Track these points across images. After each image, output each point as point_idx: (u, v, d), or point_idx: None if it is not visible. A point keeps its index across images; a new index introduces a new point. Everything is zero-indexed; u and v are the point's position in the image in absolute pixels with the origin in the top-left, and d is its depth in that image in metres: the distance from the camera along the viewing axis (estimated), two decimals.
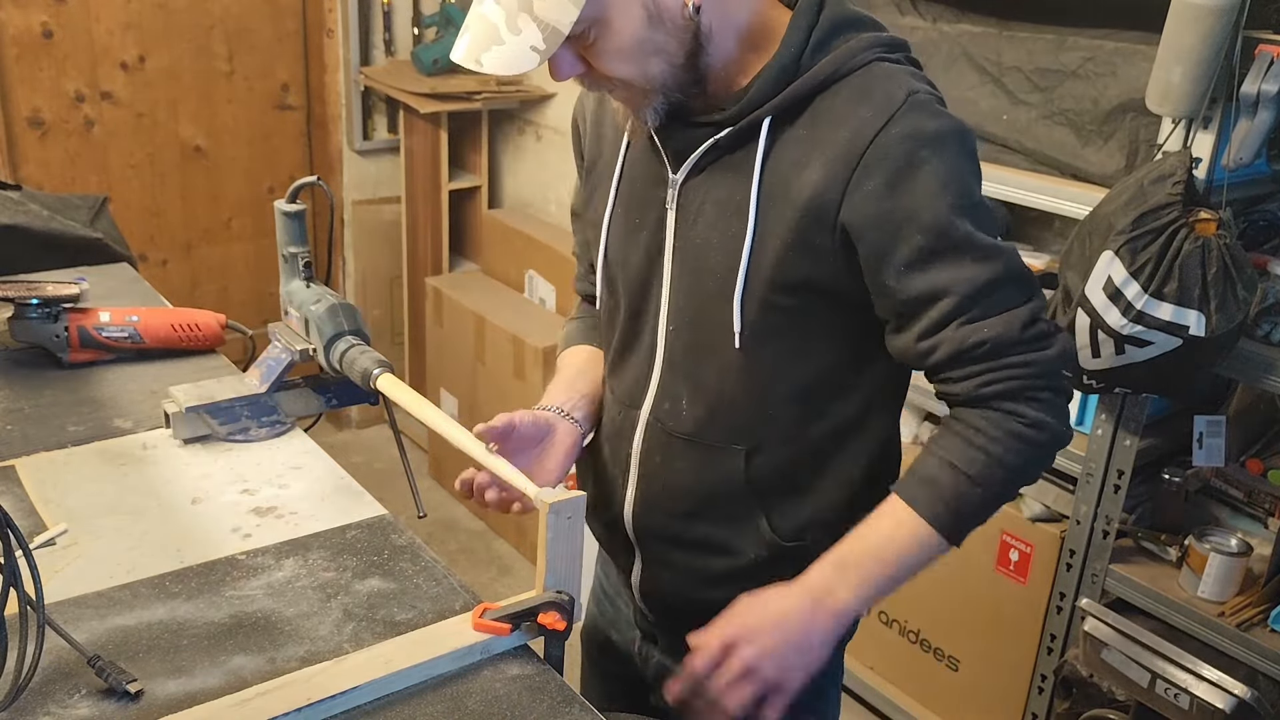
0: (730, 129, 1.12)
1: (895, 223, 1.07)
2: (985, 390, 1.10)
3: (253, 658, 1.04)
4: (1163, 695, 1.90)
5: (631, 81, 1.10)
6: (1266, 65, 1.68)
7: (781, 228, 1.10)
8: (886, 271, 1.09)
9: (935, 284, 1.08)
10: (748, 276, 1.13)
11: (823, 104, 1.10)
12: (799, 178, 1.09)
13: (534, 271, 3.42)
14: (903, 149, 1.06)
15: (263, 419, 1.44)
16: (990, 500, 1.13)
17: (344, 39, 3.57)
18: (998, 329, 1.08)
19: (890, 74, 1.10)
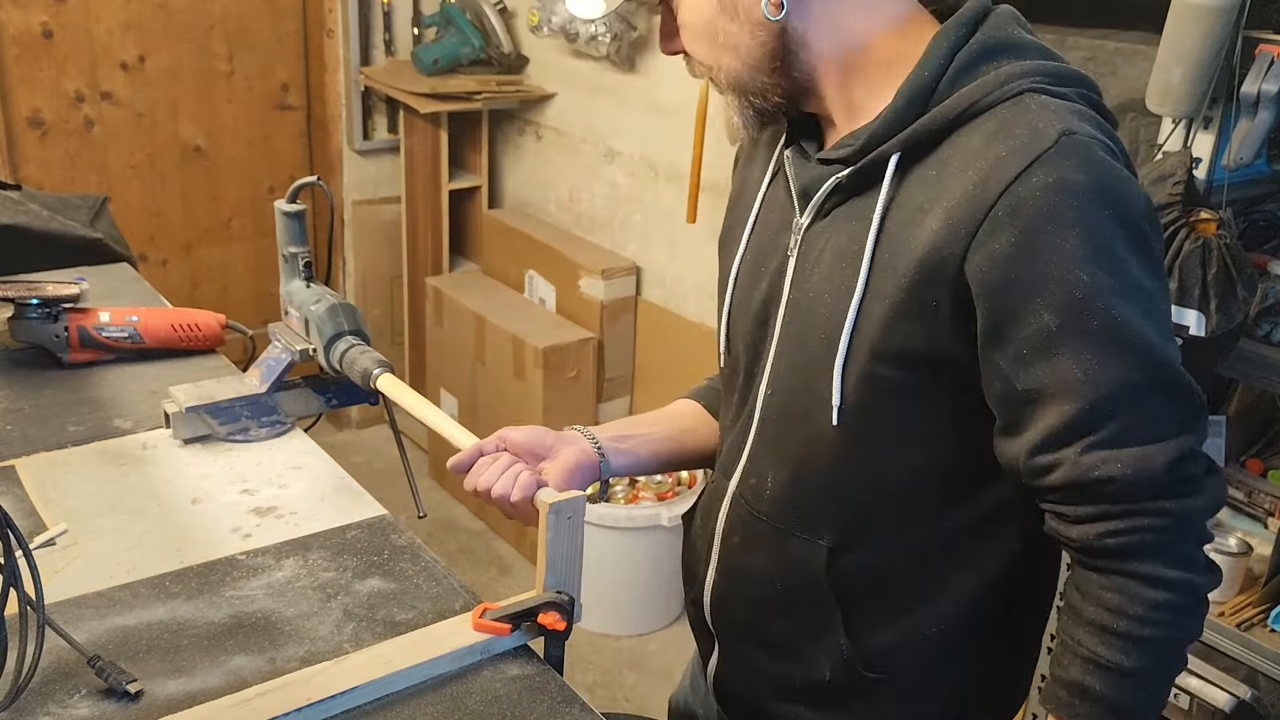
0: (852, 167, 0.97)
1: (1022, 293, 0.87)
2: (1110, 542, 0.89)
3: (253, 658, 1.04)
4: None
5: (710, 67, 1.00)
6: (1267, 65, 1.68)
7: (893, 286, 0.93)
8: (1003, 351, 0.90)
9: (1061, 380, 0.87)
10: (852, 340, 0.96)
11: (959, 140, 0.92)
12: (920, 226, 0.92)
13: (534, 271, 3.43)
14: (1043, 202, 0.86)
15: (263, 419, 1.44)
16: (1161, 684, 0.93)
17: (344, 39, 3.57)
18: (1134, 464, 0.86)
19: (1045, 107, 0.90)
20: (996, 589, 1.04)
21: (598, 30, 3.01)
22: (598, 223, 3.40)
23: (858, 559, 1.04)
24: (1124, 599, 0.89)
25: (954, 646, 1.06)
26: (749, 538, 1.11)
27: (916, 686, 1.07)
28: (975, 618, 1.05)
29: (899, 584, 1.04)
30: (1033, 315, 0.87)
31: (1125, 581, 0.89)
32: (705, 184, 2.84)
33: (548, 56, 3.44)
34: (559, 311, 3.33)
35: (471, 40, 3.46)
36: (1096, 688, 0.91)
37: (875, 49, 0.97)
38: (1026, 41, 0.95)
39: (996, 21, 0.95)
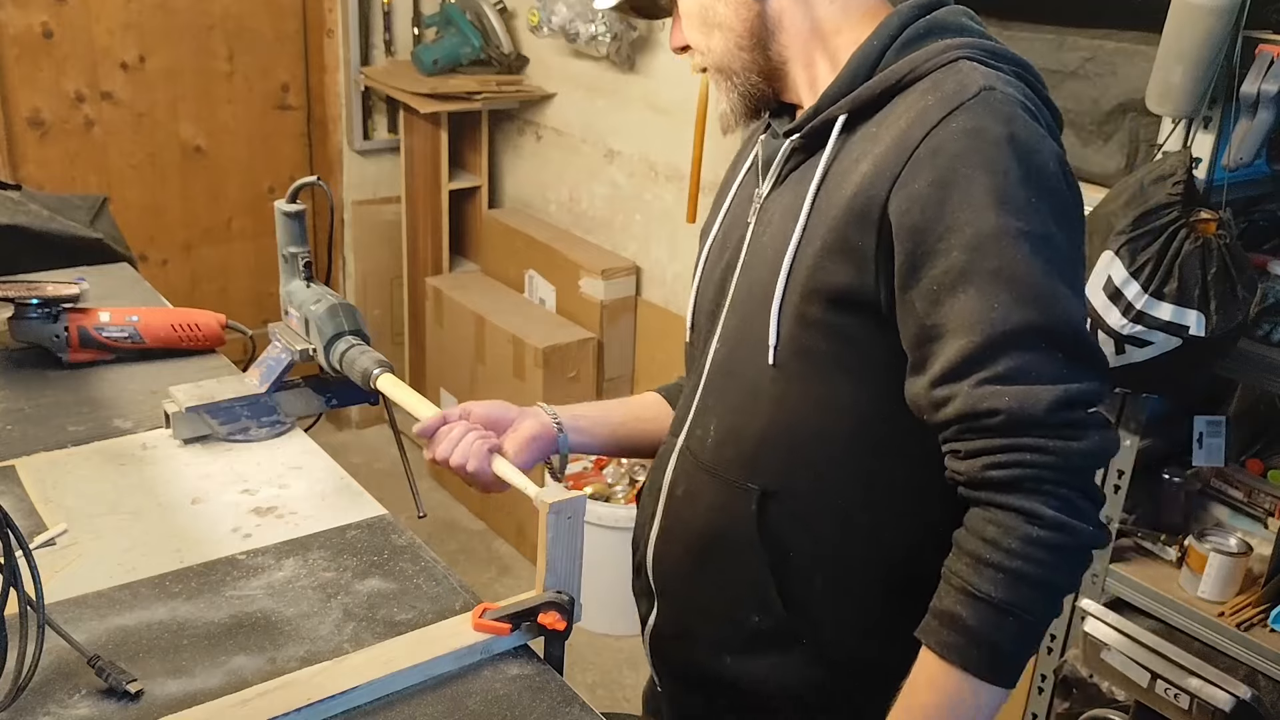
0: (806, 132, 1.05)
1: (936, 232, 0.92)
2: (993, 474, 0.91)
3: (253, 658, 1.04)
4: (1162, 695, 1.90)
5: (703, 53, 1.11)
6: (1266, 65, 1.68)
7: (824, 228, 0.99)
8: (916, 289, 0.94)
9: (963, 315, 0.91)
10: (788, 283, 1.02)
11: (898, 102, 0.99)
12: (851, 175, 0.99)
13: (534, 271, 3.43)
14: (960, 145, 0.92)
15: (263, 419, 1.44)
16: (1029, 627, 0.93)
17: (344, 39, 3.57)
18: (1019, 399, 0.89)
19: (975, 69, 0.97)
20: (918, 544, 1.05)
21: (598, 30, 3.01)
22: (598, 223, 3.40)
23: (787, 507, 1.07)
24: (1000, 531, 0.91)
25: (879, 597, 1.08)
26: (691, 489, 1.15)
27: (841, 636, 1.09)
28: (899, 570, 1.07)
29: (827, 533, 1.06)
30: (943, 254, 0.92)
31: (1003, 514, 0.91)
32: (705, 184, 2.84)
33: (548, 56, 3.44)
34: (559, 311, 3.34)
35: (471, 40, 3.46)
36: (965, 617, 0.91)
37: (840, 35, 1.06)
38: (964, 23, 1.03)
39: (947, 10, 1.04)
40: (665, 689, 1.27)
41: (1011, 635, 0.92)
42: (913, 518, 1.06)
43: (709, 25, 1.08)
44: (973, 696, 0.92)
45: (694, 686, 1.21)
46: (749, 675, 1.14)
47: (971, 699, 0.92)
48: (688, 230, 2.98)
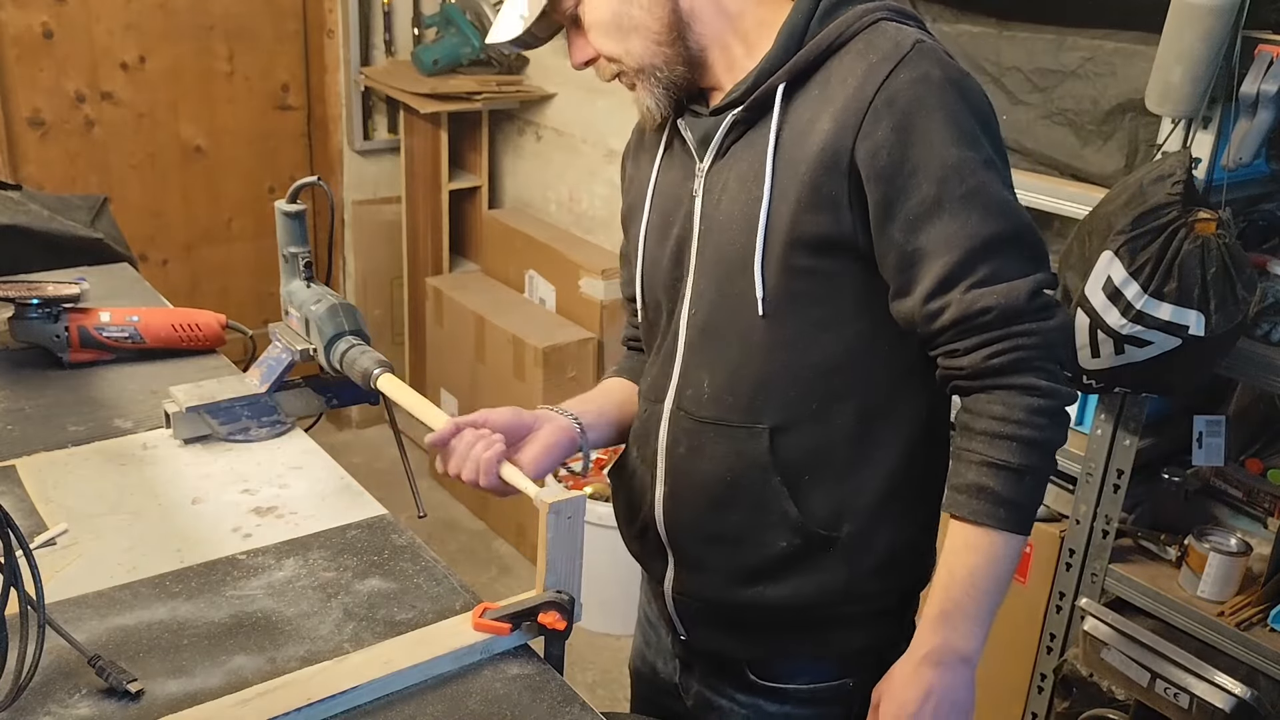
0: (744, 104, 1.13)
1: (905, 171, 1.05)
2: (994, 362, 1.07)
3: (253, 657, 1.04)
4: (1162, 695, 1.90)
5: (620, 60, 1.15)
6: (1266, 65, 1.68)
7: (795, 185, 1.09)
8: (894, 223, 1.07)
9: (942, 237, 1.05)
10: (766, 239, 1.11)
11: (833, 64, 1.10)
12: (811, 132, 1.09)
13: (534, 271, 3.43)
14: (912, 93, 1.05)
15: (263, 419, 1.44)
16: (1040, 481, 1.10)
17: (344, 39, 3.57)
18: (1004, 296, 1.05)
19: (899, 28, 1.10)
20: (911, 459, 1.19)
21: None
22: (598, 223, 3.40)
23: (795, 437, 1.16)
24: (1007, 408, 1.07)
25: (884, 511, 1.19)
26: (694, 444, 1.21)
27: (858, 546, 1.19)
28: (897, 484, 1.19)
29: (833, 455, 1.17)
30: (915, 188, 1.05)
31: (1007, 394, 1.07)
32: None
33: (547, 57, 3.44)
34: (559, 311, 3.34)
35: (471, 40, 3.46)
36: (990, 485, 1.07)
37: (747, 17, 1.16)
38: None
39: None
40: (693, 637, 1.31)
41: (1029, 491, 1.08)
42: (907, 420, 1.18)
43: (624, 30, 1.14)
44: (1004, 548, 1.08)
45: (727, 623, 1.26)
46: (783, 595, 1.20)
47: (1004, 550, 1.08)
48: None
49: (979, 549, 1.09)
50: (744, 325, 1.15)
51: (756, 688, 1.27)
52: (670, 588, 1.28)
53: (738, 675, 1.28)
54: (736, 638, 1.26)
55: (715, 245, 1.17)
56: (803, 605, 1.21)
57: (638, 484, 1.30)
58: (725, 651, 1.28)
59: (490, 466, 1.15)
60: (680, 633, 1.32)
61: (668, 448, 1.24)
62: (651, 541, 1.29)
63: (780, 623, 1.23)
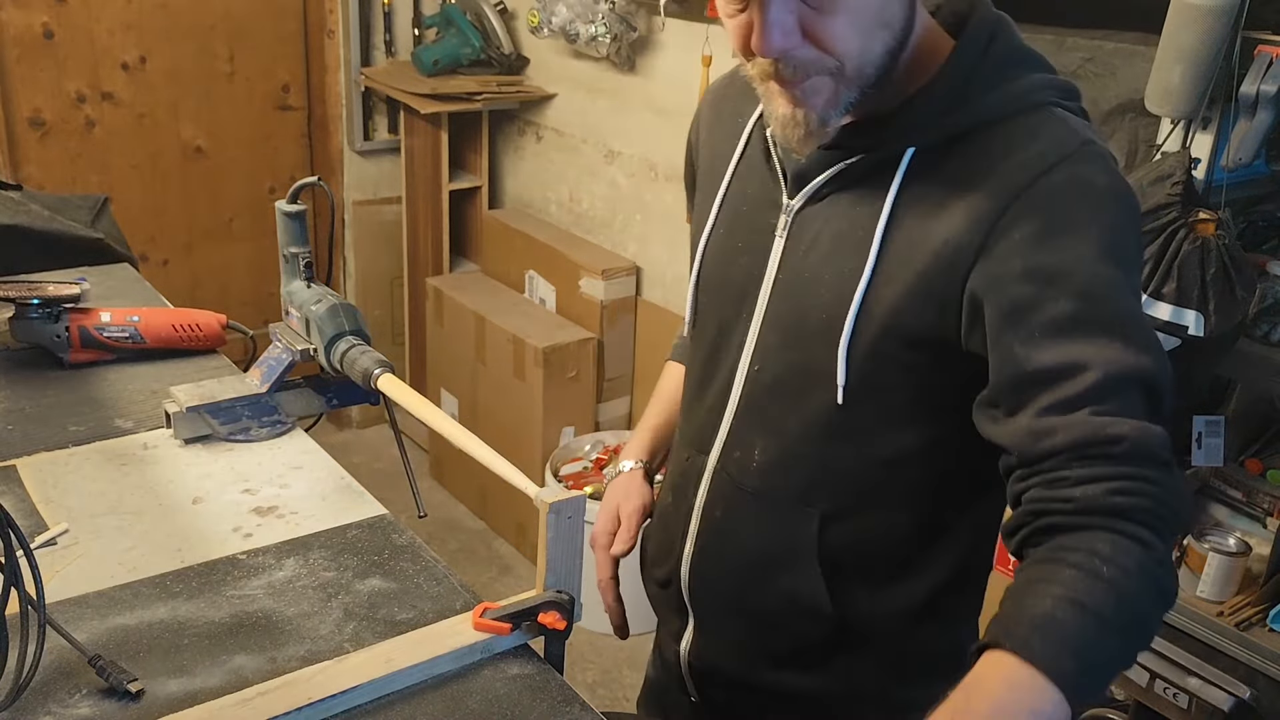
0: (866, 155, 1.00)
1: (1041, 280, 0.91)
2: (1117, 500, 0.86)
3: (253, 657, 1.04)
4: (1162, 695, 1.90)
5: (845, 62, 0.93)
6: (1265, 66, 1.68)
7: (907, 272, 0.97)
8: (1016, 333, 0.91)
9: (1075, 357, 0.89)
10: (858, 323, 0.99)
11: (979, 143, 0.96)
12: (937, 218, 0.96)
13: (534, 271, 3.43)
14: (1068, 197, 0.92)
15: (263, 419, 1.44)
16: (1123, 656, 0.86)
17: (344, 40, 3.57)
18: (1139, 431, 0.87)
19: (1065, 121, 0.97)
20: (963, 571, 1.10)
21: (598, 31, 3.01)
22: (598, 223, 3.40)
23: (845, 528, 1.07)
24: (1117, 551, 0.85)
25: (931, 611, 1.09)
26: (732, 510, 1.13)
27: (896, 648, 1.11)
28: (952, 585, 1.09)
29: (882, 554, 1.07)
30: (1050, 302, 0.90)
31: (1119, 538, 0.85)
32: None
33: (548, 57, 3.44)
34: (559, 311, 3.34)
35: (472, 41, 3.46)
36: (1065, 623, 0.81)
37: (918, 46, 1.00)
38: (1030, 52, 1.02)
39: (1007, 36, 1.01)
40: (707, 701, 1.25)
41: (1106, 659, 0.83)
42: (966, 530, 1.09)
43: (878, 26, 0.94)
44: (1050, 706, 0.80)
45: (742, 698, 1.20)
46: (807, 686, 1.14)
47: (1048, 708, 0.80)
48: (687, 230, 2.98)
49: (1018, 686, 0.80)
50: (813, 403, 1.04)
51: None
52: (687, 650, 1.23)
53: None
54: (754, 710, 1.20)
55: (794, 306, 1.05)
56: (827, 699, 1.14)
57: (668, 534, 1.23)
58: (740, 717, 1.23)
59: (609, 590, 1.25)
60: (690, 694, 1.26)
61: (704, 508, 1.16)
62: (673, 597, 1.23)
63: (800, 709, 1.16)
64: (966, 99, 0.97)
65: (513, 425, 3.25)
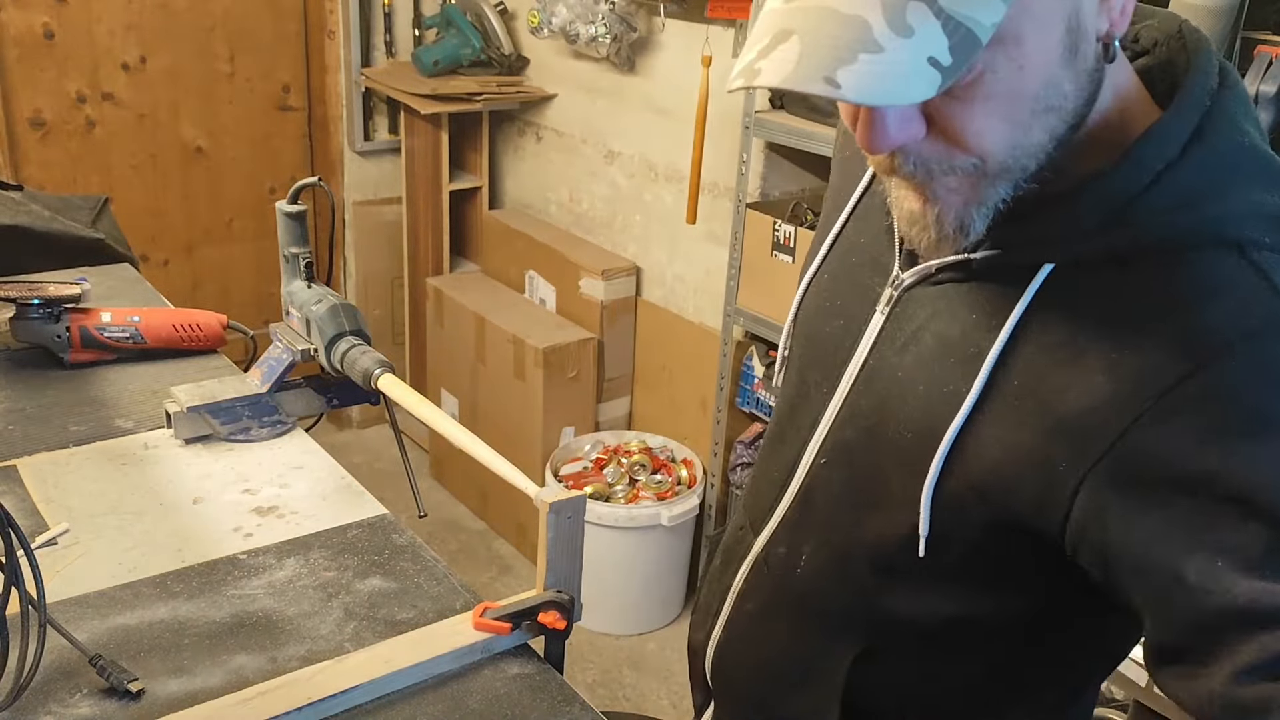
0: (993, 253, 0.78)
1: (1217, 493, 0.68)
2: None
3: (254, 657, 1.04)
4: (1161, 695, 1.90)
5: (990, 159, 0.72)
6: (1265, 66, 1.68)
7: (1016, 423, 0.76)
8: (1189, 560, 0.69)
9: (1273, 600, 0.66)
10: (948, 461, 0.80)
11: (1147, 272, 0.73)
12: (1071, 367, 0.74)
13: (534, 272, 3.43)
14: (1257, 394, 0.69)
15: (264, 419, 1.44)
16: None
17: (345, 40, 3.57)
18: None
19: (1264, 273, 0.71)
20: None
21: (598, 31, 3.02)
22: (598, 223, 3.40)
23: (880, 672, 0.93)
24: None
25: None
26: (766, 608, 1.01)
27: None
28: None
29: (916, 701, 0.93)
30: (1237, 524, 0.68)
31: None
32: (705, 185, 2.85)
33: (548, 57, 3.44)
34: (559, 312, 3.34)
35: (472, 41, 3.46)
36: None
37: (1098, 123, 0.76)
38: (1261, 154, 0.75)
39: (1228, 120, 0.74)
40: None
41: None
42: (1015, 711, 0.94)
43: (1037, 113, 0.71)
44: None
45: None
46: None
47: None
48: (687, 231, 2.99)
49: None
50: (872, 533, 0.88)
51: None
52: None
53: None
54: None
55: (877, 403, 0.87)
56: None
57: (707, 602, 1.11)
58: None
59: None
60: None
61: (739, 595, 1.04)
62: (699, 671, 1.13)
63: None
64: (1145, 204, 0.73)
65: (513, 425, 3.25)
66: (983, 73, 0.68)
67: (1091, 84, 0.73)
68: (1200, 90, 0.74)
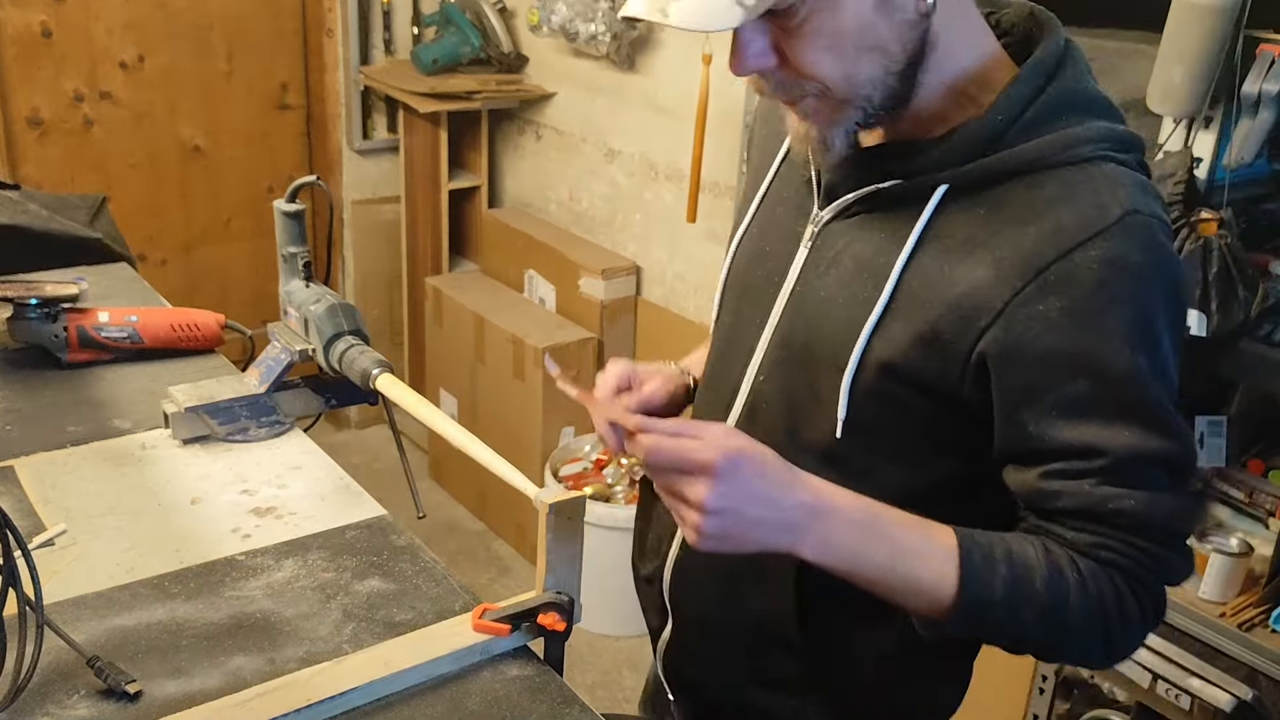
0: (900, 181, 0.97)
1: (1060, 361, 0.89)
2: (1102, 554, 0.92)
3: (252, 658, 1.03)
4: (1163, 696, 1.90)
5: (831, 86, 0.91)
6: (1268, 65, 1.68)
7: (919, 315, 0.94)
8: (1031, 409, 0.91)
9: (1089, 440, 0.89)
10: (863, 358, 0.97)
11: (1016, 190, 0.92)
12: (959, 265, 0.93)
13: (534, 271, 3.42)
14: (1099, 277, 0.88)
15: (262, 419, 1.44)
16: (1020, 634, 0.94)
17: (343, 38, 3.57)
18: (1145, 504, 0.90)
19: (1113, 179, 0.91)
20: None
21: (597, 30, 3.01)
22: (598, 222, 3.40)
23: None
24: (1093, 575, 0.92)
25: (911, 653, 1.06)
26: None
27: (870, 686, 1.10)
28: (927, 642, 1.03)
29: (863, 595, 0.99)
30: (1069, 382, 0.89)
31: (1101, 572, 0.92)
32: (705, 184, 2.84)
33: (547, 56, 3.44)
34: (559, 311, 3.33)
35: (471, 39, 3.46)
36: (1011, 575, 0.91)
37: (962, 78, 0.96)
38: (1096, 96, 0.96)
39: (1073, 71, 0.95)
40: (678, 701, 1.26)
41: (1003, 624, 0.94)
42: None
43: (860, 50, 0.90)
44: (931, 593, 0.93)
45: (709, 707, 1.21)
46: (764, 706, 1.14)
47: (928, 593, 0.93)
48: (688, 230, 2.98)
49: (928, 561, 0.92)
50: (812, 429, 1.03)
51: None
52: (662, 650, 1.24)
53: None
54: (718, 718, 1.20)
55: (805, 324, 1.03)
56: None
57: (659, 526, 1.21)
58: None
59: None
60: (668, 694, 1.27)
61: None
62: (655, 596, 1.22)
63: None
64: (1012, 140, 0.93)
65: (512, 425, 3.25)
66: (810, 14, 0.87)
67: (915, 32, 0.91)
68: (1049, 54, 0.95)
